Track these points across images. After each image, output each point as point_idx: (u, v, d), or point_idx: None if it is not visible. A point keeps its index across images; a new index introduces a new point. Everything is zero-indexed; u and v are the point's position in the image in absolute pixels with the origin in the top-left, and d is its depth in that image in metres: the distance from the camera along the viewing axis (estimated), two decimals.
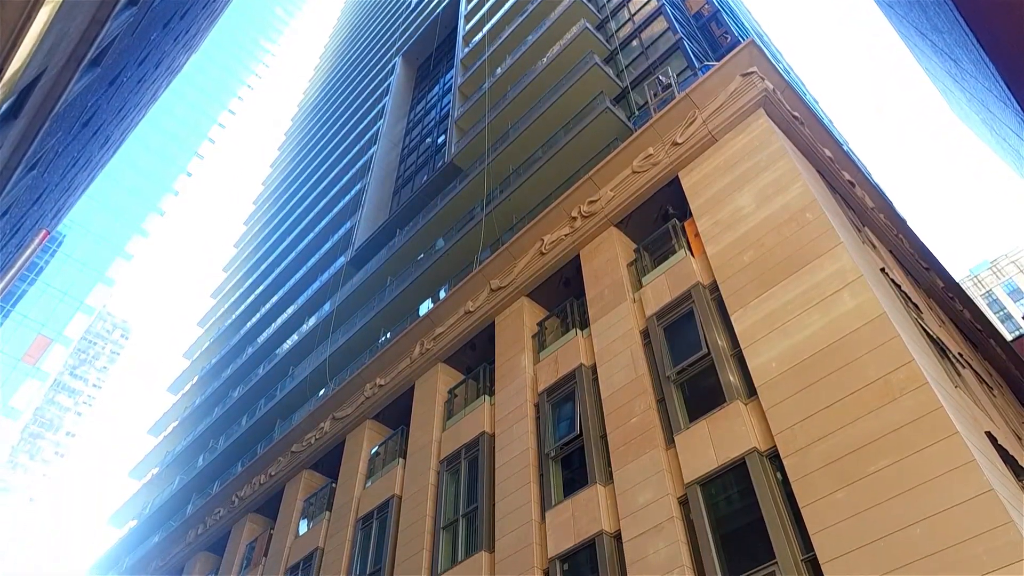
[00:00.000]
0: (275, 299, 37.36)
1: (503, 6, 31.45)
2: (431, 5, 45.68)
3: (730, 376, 11.84)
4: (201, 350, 45.60)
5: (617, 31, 24.06)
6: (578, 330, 15.89)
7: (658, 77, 18.70)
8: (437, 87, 38.45)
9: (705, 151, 15.41)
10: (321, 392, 25.84)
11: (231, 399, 33.66)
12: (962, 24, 17.20)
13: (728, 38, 21.67)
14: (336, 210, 37.15)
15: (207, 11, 26.05)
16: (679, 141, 15.82)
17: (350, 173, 38.92)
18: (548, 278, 18.07)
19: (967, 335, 19.69)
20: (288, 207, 47.79)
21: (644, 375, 13.38)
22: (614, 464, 12.70)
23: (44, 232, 9.02)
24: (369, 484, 19.55)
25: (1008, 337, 31.71)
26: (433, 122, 35.57)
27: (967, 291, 30.86)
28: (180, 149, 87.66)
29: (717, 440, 11.22)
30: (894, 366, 9.57)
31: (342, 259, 32.10)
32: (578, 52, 23.20)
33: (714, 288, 13.32)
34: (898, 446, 8.88)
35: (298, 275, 36.56)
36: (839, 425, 9.64)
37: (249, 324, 38.89)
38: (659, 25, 21.84)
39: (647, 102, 18.87)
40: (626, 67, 22.25)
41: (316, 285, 33.30)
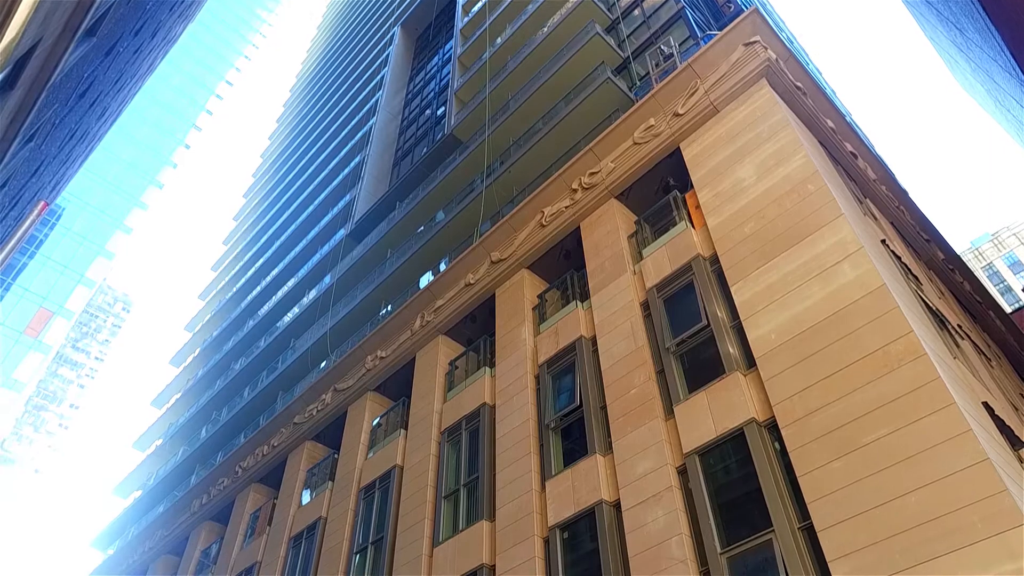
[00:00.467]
0: (275, 272, 37.38)
1: None
2: None
3: (729, 347, 11.90)
4: (202, 323, 45.75)
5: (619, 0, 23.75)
6: (578, 302, 15.92)
7: (660, 47, 18.51)
8: (437, 57, 38.05)
9: (707, 122, 15.30)
10: (323, 364, 25.97)
11: (233, 371, 33.85)
12: None
13: (731, 7, 21.39)
14: (335, 183, 36.98)
15: None
16: (680, 112, 15.70)
17: (349, 145, 38.67)
18: (548, 250, 18.06)
19: (967, 307, 19.74)
20: (287, 180, 47.58)
21: (644, 347, 13.44)
22: (614, 435, 12.81)
23: (43, 204, 8.99)
24: (371, 455, 19.74)
25: (1008, 309, 31.77)
26: (433, 93, 35.26)
27: (968, 263, 30.87)
28: (178, 121, 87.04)
29: (716, 411, 11.31)
30: (893, 337, 9.61)
31: (342, 232, 32.05)
32: (579, 21, 22.93)
33: (714, 260, 13.32)
34: (896, 416, 8.96)
35: (298, 248, 36.52)
36: (837, 396, 9.71)
37: (250, 297, 38.95)
38: None
39: (649, 72, 18.70)
40: (628, 36, 22.00)
41: (316, 258, 33.29)
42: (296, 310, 31.76)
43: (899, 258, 14.14)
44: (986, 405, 10.60)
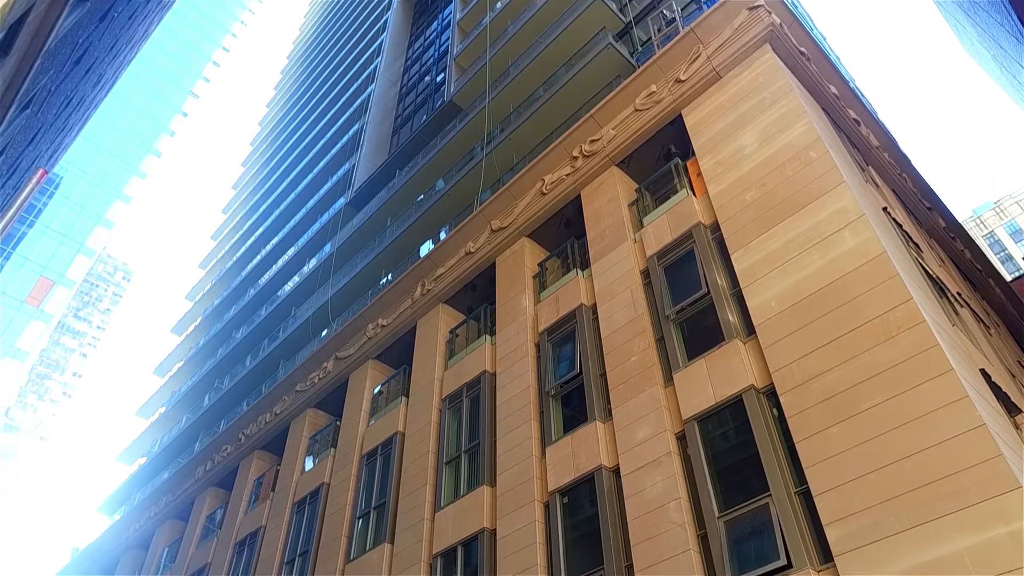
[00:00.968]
0: (275, 241, 37.33)
1: None
2: None
3: (729, 315, 11.94)
4: (203, 292, 45.86)
5: None
6: (579, 270, 15.93)
7: (662, 11, 18.25)
8: (436, 23, 37.51)
9: (709, 88, 15.15)
10: (324, 333, 26.08)
11: (235, 340, 34.01)
12: None
13: None
14: (335, 151, 36.75)
15: None
16: (683, 78, 15.53)
17: (348, 112, 38.33)
18: (549, 219, 18.02)
19: (967, 275, 19.75)
20: (286, 148, 47.26)
21: (644, 315, 13.48)
22: (613, 401, 12.92)
23: (41, 171, 8.95)
24: (372, 422, 19.93)
25: (1008, 278, 31.79)
26: (432, 60, 34.85)
27: (969, 232, 30.79)
28: (174, 89, 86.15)
29: (715, 378, 11.39)
30: (892, 305, 9.64)
31: (342, 200, 31.94)
32: None
33: (715, 228, 13.30)
34: (894, 383, 9.02)
35: (297, 216, 36.42)
36: (836, 363, 9.77)
37: (250, 266, 38.97)
38: None
39: (651, 38, 18.46)
40: (630, 1, 21.68)
41: (316, 227, 33.23)
42: (296, 279, 31.81)
43: (900, 226, 14.11)
44: (983, 372, 10.67)
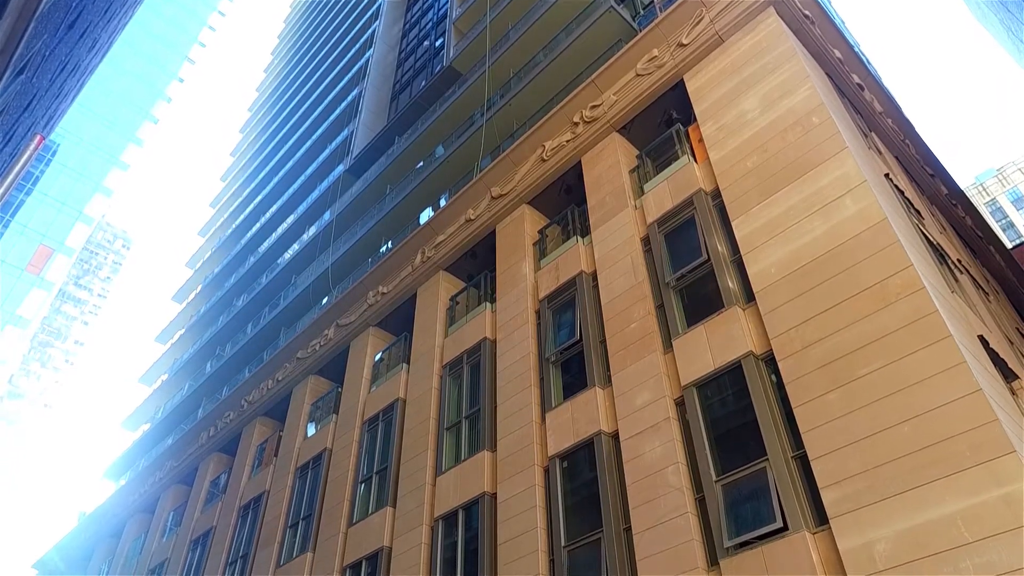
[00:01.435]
0: (274, 208, 37.18)
1: None
2: None
3: (729, 282, 11.95)
4: (203, 259, 45.80)
5: None
6: (579, 237, 15.91)
7: None
8: None
9: (711, 52, 14.95)
10: (324, 300, 26.13)
11: (235, 307, 34.08)
12: None
13: None
14: (333, 117, 36.39)
15: None
16: (685, 42, 15.33)
17: (346, 78, 37.89)
18: (549, 185, 17.92)
19: (967, 242, 19.73)
20: (284, 114, 46.80)
21: (644, 281, 13.50)
22: (613, 368, 13.00)
23: (39, 137, 8.88)
24: (374, 388, 20.07)
25: (1009, 245, 31.74)
26: (431, 23, 34.33)
27: (972, 199, 30.69)
28: (170, 55, 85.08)
29: (714, 344, 11.44)
30: (892, 271, 9.65)
31: (341, 167, 31.74)
32: None
33: (716, 195, 13.24)
34: (892, 348, 9.07)
35: (296, 184, 36.23)
36: (835, 329, 9.81)
37: (250, 233, 38.88)
38: None
39: (652, 1, 18.17)
40: None
41: (315, 194, 33.07)
42: (296, 247, 31.75)
43: (902, 192, 14.05)
44: (982, 338, 10.72)
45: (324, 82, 41.77)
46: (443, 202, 22.16)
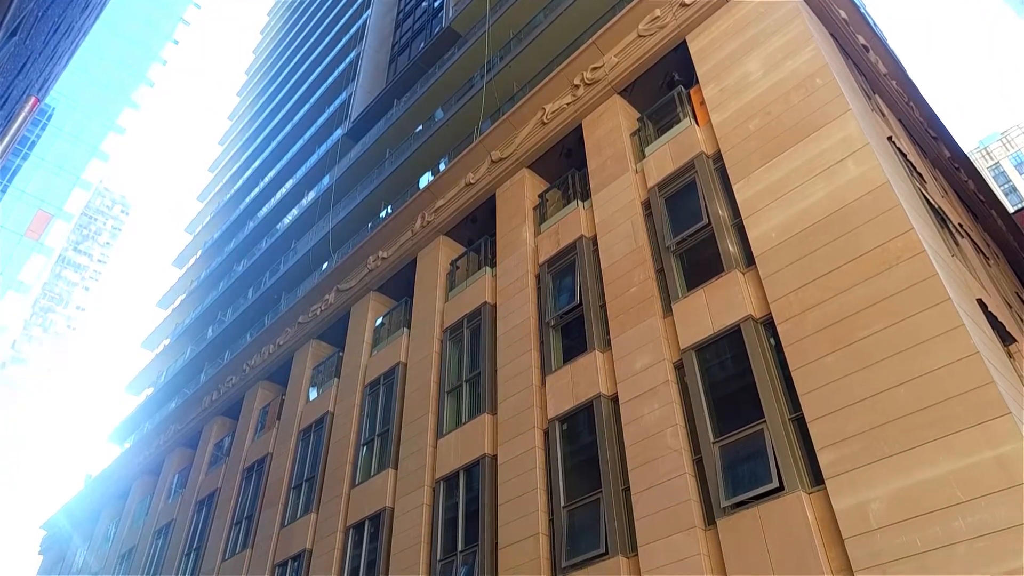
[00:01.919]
0: (273, 173, 36.98)
1: None
2: None
3: (729, 246, 11.94)
4: (203, 224, 45.71)
5: None
6: (579, 202, 15.84)
7: None
8: None
9: (715, 13, 14.71)
10: (324, 265, 26.13)
11: (235, 273, 34.11)
12: None
13: None
14: (331, 80, 35.97)
15: None
16: (687, 2, 15.08)
17: (344, 40, 37.35)
18: (549, 149, 17.79)
19: (969, 206, 19.65)
20: (281, 77, 46.25)
21: (644, 246, 13.48)
22: (612, 332, 13.06)
23: (33, 99, 8.81)
24: (375, 353, 20.19)
25: (1011, 209, 31.63)
26: None
27: (975, 163, 30.50)
28: (164, 17, 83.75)
29: (714, 308, 11.48)
30: (893, 235, 9.63)
31: (339, 131, 31.47)
32: None
33: (718, 158, 13.16)
34: (892, 312, 9.10)
35: (295, 148, 35.97)
36: (834, 292, 9.83)
37: (249, 198, 38.73)
38: None
39: None
40: None
41: (314, 158, 32.86)
42: (296, 211, 31.66)
43: (905, 155, 13.95)
44: (980, 302, 10.75)
45: (321, 44, 41.20)
46: (443, 166, 22.03)
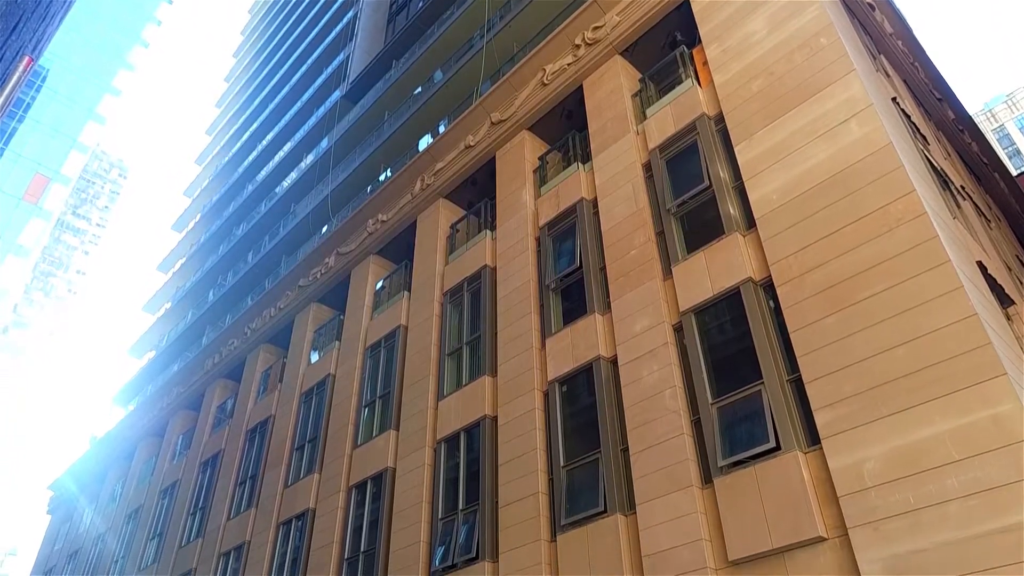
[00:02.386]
0: (271, 136, 36.66)
1: None
2: None
3: (730, 208, 11.90)
4: (201, 188, 45.48)
5: None
6: (580, 164, 15.74)
7: None
8: None
9: None
10: (324, 229, 26.07)
11: (235, 236, 34.05)
12: None
13: None
14: (328, 40, 35.43)
15: None
16: None
17: None
18: (550, 111, 17.62)
19: (972, 168, 19.53)
20: (278, 38, 45.55)
21: (644, 208, 13.44)
22: (612, 295, 13.09)
23: (27, 59, 8.69)
24: (376, 316, 20.27)
25: (1014, 172, 31.41)
26: None
27: (980, 125, 30.20)
28: None
29: (714, 271, 11.49)
30: (895, 196, 9.59)
31: (337, 93, 31.11)
32: None
33: (720, 119, 13.03)
34: (891, 273, 9.11)
35: (293, 110, 35.60)
36: (835, 255, 9.83)
37: (247, 161, 38.45)
38: None
39: None
40: None
41: (312, 120, 32.54)
42: (295, 175, 31.47)
43: (908, 117, 13.82)
44: (980, 264, 10.76)
45: (318, 3, 40.49)
46: (442, 128, 21.83)
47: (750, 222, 11.49)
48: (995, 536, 7.17)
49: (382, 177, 24.67)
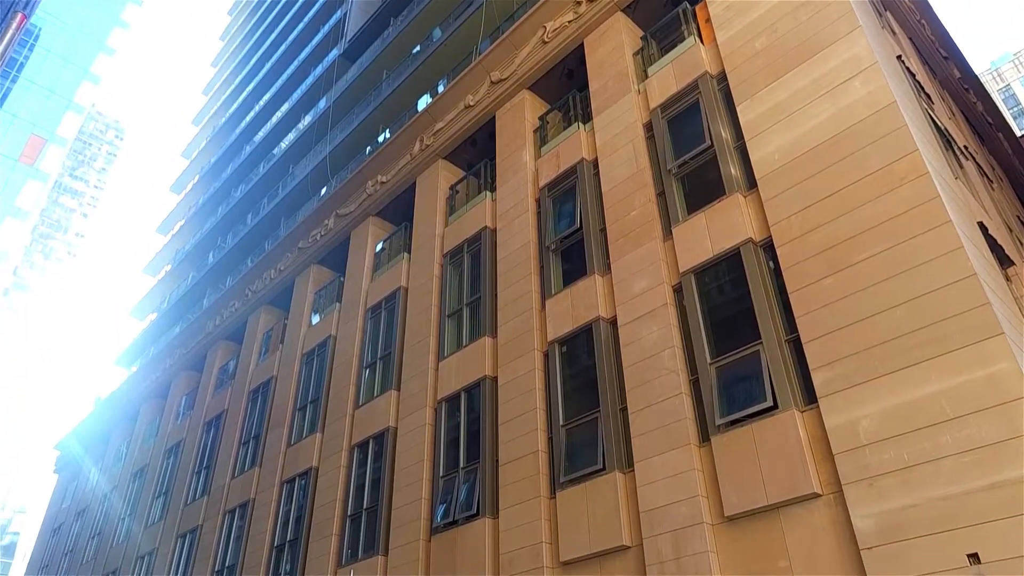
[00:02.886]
0: (268, 96, 36.21)
1: None
2: None
3: (731, 169, 11.83)
4: (199, 149, 45.11)
5: None
6: (580, 124, 15.60)
7: None
8: None
9: None
10: (323, 190, 25.94)
11: (234, 198, 33.89)
12: None
13: None
14: None
15: None
16: None
17: None
18: (550, 69, 17.38)
19: (976, 128, 19.36)
20: None
21: (645, 169, 13.36)
22: (612, 256, 13.09)
23: (20, 16, 8.53)
24: (376, 277, 20.29)
25: (1018, 133, 31.12)
26: None
27: (985, 85, 29.80)
28: None
29: (714, 231, 11.47)
30: (897, 156, 9.53)
31: (335, 52, 30.66)
32: None
33: (722, 78, 12.88)
34: (892, 234, 9.09)
35: (290, 70, 35.10)
36: (836, 215, 9.80)
37: (244, 122, 38.06)
38: None
39: None
40: None
41: (310, 80, 32.12)
42: (292, 135, 31.17)
43: (913, 75, 13.65)
44: (981, 225, 10.73)
45: None
46: (441, 88, 21.57)
47: (751, 182, 11.43)
48: (986, 492, 7.29)
49: (381, 138, 24.45)
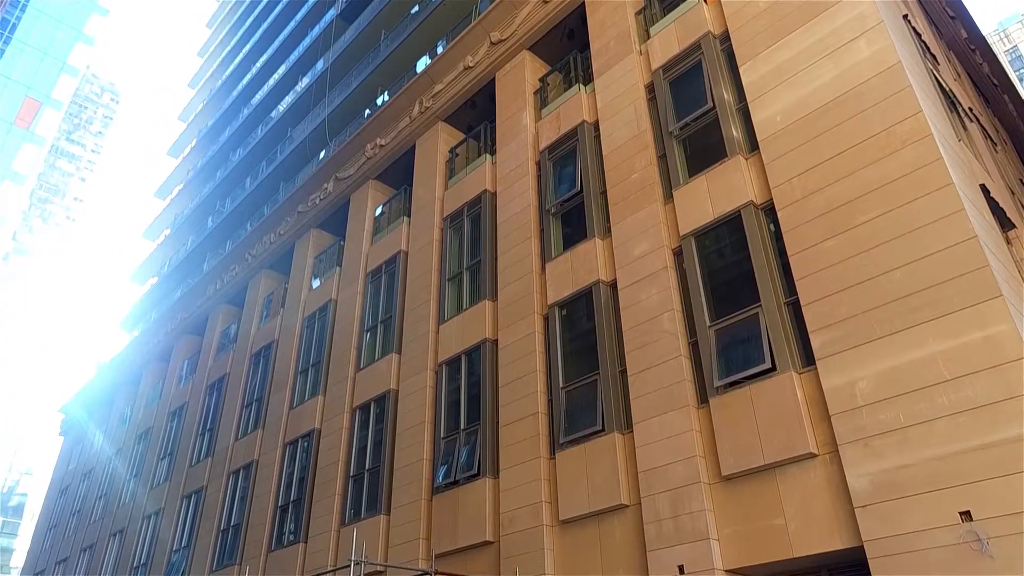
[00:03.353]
0: (265, 57, 35.71)
1: None
2: None
3: (733, 131, 11.73)
4: (196, 112, 44.63)
5: None
6: (581, 85, 15.42)
7: None
8: None
9: None
10: (322, 154, 25.75)
11: (232, 162, 33.65)
12: None
13: None
14: None
15: None
16: None
17: None
18: (551, 30, 17.13)
19: (981, 90, 19.15)
20: None
21: (647, 131, 13.25)
22: (612, 219, 13.06)
23: None
24: (376, 241, 20.27)
25: None
26: None
27: (992, 46, 29.37)
28: None
29: (715, 194, 11.43)
30: (901, 117, 9.44)
31: (332, 12, 30.15)
32: None
33: (725, 38, 12.69)
34: (894, 196, 9.06)
35: (287, 30, 34.54)
36: (838, 177, 9.75)
37: (241, 84, 37.59)
38: None
39: None
40: None
41: (307, 41, 31.64)
42: (290, 98, 30.82)
43: (919, 35, 13.44)
44: (983, 187, 10.68)
45: None
46: (440, 49, 21.27)
47: (753, 144, 11.34)
48: (980, 451, 7.39)
49: (380, 100, 24.19)
